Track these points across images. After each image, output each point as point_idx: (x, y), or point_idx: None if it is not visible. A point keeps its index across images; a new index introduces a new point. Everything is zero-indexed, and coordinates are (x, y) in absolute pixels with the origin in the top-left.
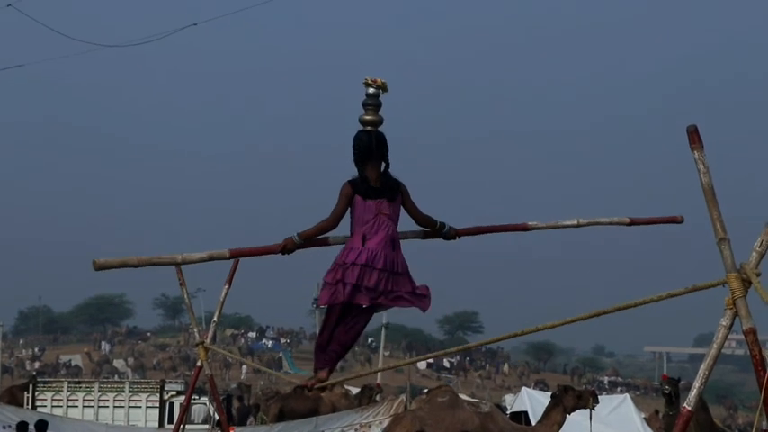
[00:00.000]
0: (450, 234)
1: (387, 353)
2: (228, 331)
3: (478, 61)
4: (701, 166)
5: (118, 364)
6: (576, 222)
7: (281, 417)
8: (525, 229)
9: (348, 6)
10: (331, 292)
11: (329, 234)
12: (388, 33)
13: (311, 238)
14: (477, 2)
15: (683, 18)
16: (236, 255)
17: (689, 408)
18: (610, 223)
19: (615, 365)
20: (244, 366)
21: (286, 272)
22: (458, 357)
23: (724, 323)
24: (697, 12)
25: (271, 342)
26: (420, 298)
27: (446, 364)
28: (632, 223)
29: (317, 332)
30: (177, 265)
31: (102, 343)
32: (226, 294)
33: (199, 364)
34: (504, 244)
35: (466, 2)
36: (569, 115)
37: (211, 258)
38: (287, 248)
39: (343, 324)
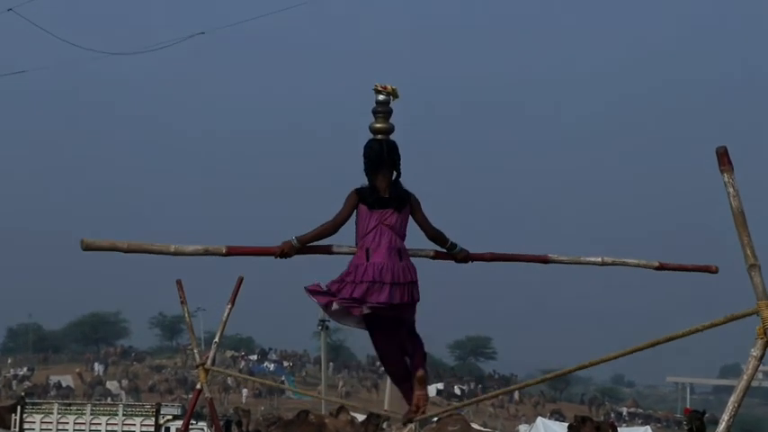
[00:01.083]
0: (461, 256)
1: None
2: (228, 353)
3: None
4: (731, 189)
5: (111, 385)
6: (600, 261)
7: None
8: (545, 261)
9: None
10: (323, 294)
11: (333, 242)
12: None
13: (309, 243)
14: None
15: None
16: (234, 252)
17: None
18: (637, 265)
19: (635, 396)
20: (244, 390)
21: (290, 291)
22: (470, 384)
23: (755, 353)
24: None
25: (273, 365)
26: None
27: (457, 391)
28: (661, 268)
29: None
30: (169, 254)
31: (95, 363)
32: (229, 314)
33: (198, 386)
34: (520, 268)
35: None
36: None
37: (206, 253)
38: (284, 252)
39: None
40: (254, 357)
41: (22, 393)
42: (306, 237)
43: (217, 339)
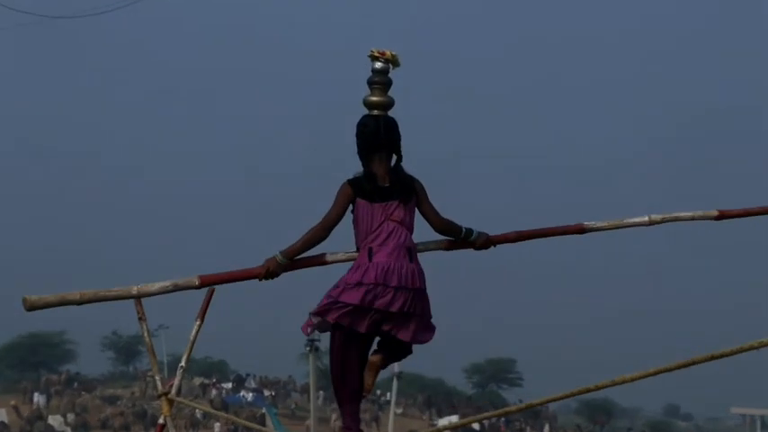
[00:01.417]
0: (481, 242)
1: (399, 410)
2: (197, 380)
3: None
4: None
5: (54, 420)
6: (647, 220)
7: None
8: (581, 231)
9: None
10: (327, 312)
11: (324, 249)
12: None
13: (298, 255)
14: None
15: None
16: (208, 282)
17: None
18: (692, 218)
19: (694, 431)
20: (217, 425)
21: (272, 305)
22: (491, 418)
23: None
24: None
25: (251, 395)
26: (428, 328)
27: (476, 425)
28: (721, 217)
29: (333, 375)
30: (131, 298)
31: (35, 394)
32: (197, 333)
33: (161, 421)
34: (551, 270)
35: None
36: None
37: (176, 288)
38: (270, 272)
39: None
40: (229, 385)
41: None
42: (292, 249)
43: (183, 363)
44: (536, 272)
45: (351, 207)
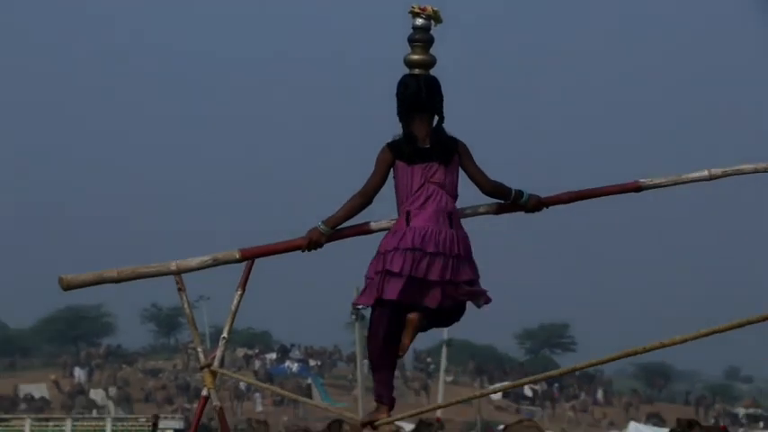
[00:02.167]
0: (533, 204)
1: (449, 378)
2: (240, 351)
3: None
4: None
5: (96, 395)
6: (706, 175)
7: None
8: (638, 188)
9: None
10: (371, 290)
11: (367, 216)
12: None
13: (340, 224)
14: None
15: None
16: (249, 256)
17: None
18: (755, 171)
19: (755, 394)
20: (257, 395)
21: (316, 274)
22: (544, 384)
23: None
24: None
25: (296, 365)
26: (479, 292)
27: (528, 392)
28: None
29: (370, 346)
30: (170, 274)
31: (75, 368)
32: (239, 303)
33: (204, 393)
34: (606, 232)
35: None
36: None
37: (216, 263)
38: (313, 242)
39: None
40: (273, 356)
41: None
42: (334, 218)
43: (225, 334)
44: (591, 233)
45: (392, 171)
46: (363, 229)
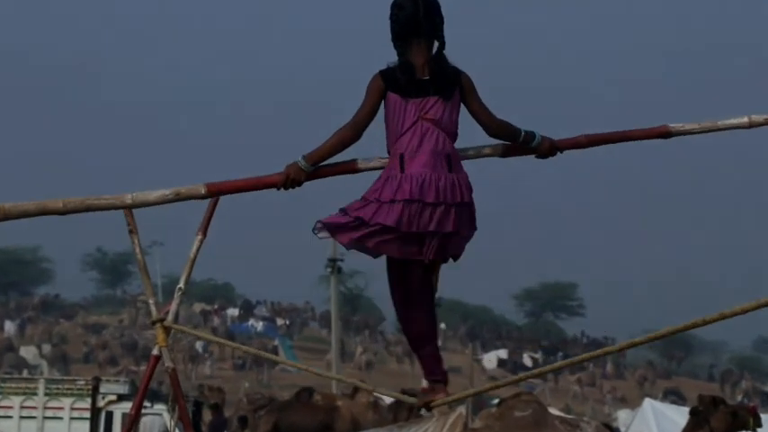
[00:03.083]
0: (545, 147)
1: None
2: (198, 306)
3: None
4: None
5: (27, 353)
6: (746, 122)
7: None
8: (666, 134)
9: None
10: (350, 229)
11: (353, 153)
12: None
13: (324, 161)
14: None
15: None
16: (216, 192)
17: None
18: None
19: None
20: (208, 356)
21: (288, 219)
22: (546, 352)
23: None
24: None
25: (261, 324)
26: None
27: (527, 361)
28: None
29: (398, 314)
30: (125, 208)
31: (5, 321)
32: (198, 249)
33: (155, 352)
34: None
35: None
36: None
37: (178, 198)
38: (291, 179)
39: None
40: (235, 312)
41: None
42: (317, 153)
43: (181, 285)
44: (608, 182)
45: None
46: (349, 168)
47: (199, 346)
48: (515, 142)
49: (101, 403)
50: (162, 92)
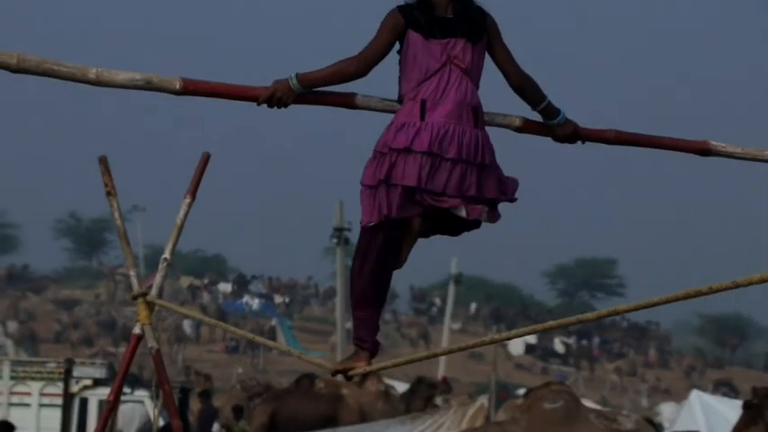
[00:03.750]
0: (568, 131)
1: (457, 325)
2: (185, 281)
3: None
4: None
5: None
6: None
7: (274, 427)
8: (705, 151)
9: None
10: (374, 203)
11: (354, 88)
12: None
13: (320, 86)
14: None
15: None
16: (192, 90)
17: None
18: None
19: None
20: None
21: (288, 184)
22: (579, 337)
23: None
24: None
25: (257, 302)
26: (496, 215)
27: (559, 347)
28: None
29: (352, 276)
30: (88, 83)
31: None
32: (186, 215)
33: (137, 331)
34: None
35: None
36: None
37: (149, 86)
38: (275, 96)
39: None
40: (227, 288)
41: None
42: (313, 75)
43: (167, 255)
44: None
45: (398, 43)
46: (345, 101)
47: (186, 325)
48: (537, 106)
49: (74, 389)
50: None
